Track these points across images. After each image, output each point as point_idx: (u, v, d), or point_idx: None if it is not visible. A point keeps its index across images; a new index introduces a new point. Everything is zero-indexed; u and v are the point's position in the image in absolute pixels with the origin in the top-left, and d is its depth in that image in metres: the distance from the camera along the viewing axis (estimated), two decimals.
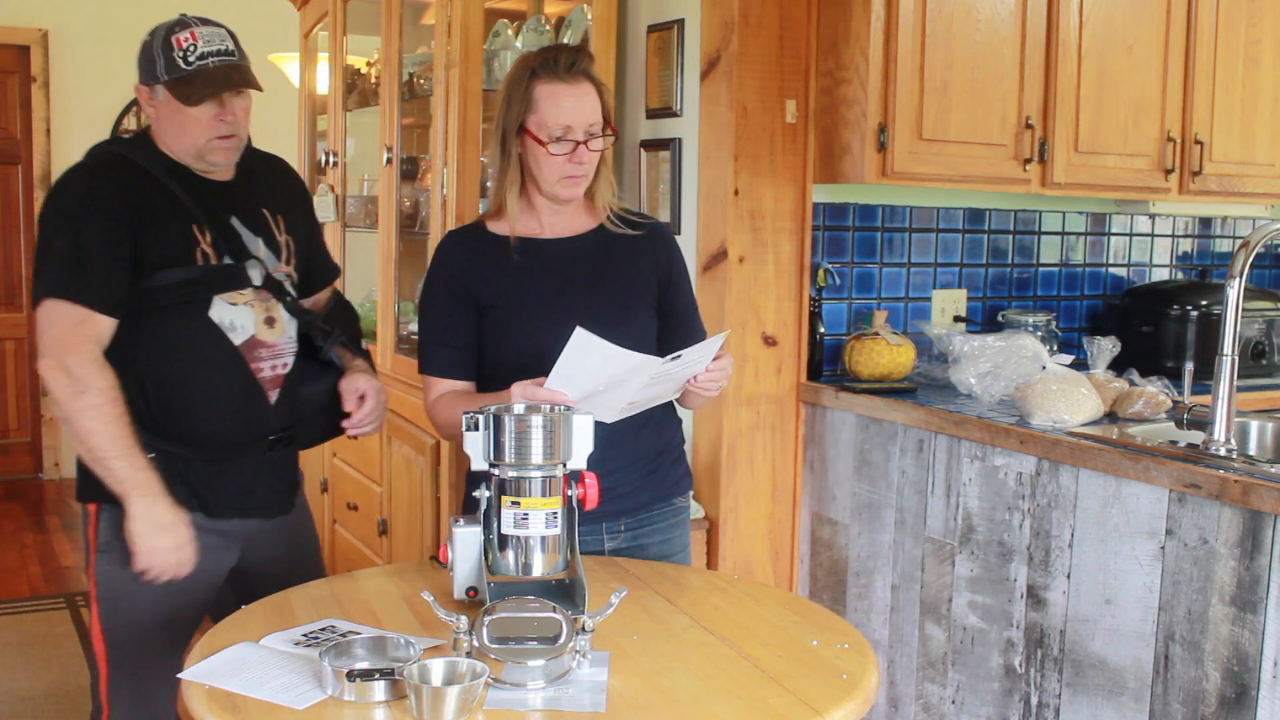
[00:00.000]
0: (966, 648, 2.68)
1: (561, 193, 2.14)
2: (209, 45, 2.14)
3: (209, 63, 2.13)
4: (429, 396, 2.20)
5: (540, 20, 3.57)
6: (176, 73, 2.12)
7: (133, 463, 2.06)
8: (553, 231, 2.20)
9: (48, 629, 4.32)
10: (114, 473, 2.06)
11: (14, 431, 6.78)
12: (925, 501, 2.78)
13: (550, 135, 2.08)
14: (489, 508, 1.79)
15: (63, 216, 2.11)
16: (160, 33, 2.15)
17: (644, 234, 2.24)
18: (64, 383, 2.04)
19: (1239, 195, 3.50)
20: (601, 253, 2.20)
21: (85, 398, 2.03)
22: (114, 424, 2.05)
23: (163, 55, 2.13)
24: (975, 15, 2.96)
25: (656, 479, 2.23)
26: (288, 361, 2.27)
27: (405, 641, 1.61)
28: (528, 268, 2.17)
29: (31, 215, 6.61)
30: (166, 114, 2.16)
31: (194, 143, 2.16)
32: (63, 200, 2.13)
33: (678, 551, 2.30)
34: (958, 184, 3.03)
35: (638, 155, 3.32)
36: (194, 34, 2.14)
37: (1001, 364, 2.74)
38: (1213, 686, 2.17)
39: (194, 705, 1.52)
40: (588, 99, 2.11)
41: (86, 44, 6.61)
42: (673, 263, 2.26)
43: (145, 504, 2.07)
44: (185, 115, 2.14)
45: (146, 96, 2.18)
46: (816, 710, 1.51)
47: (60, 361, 2.04)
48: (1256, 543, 2.08)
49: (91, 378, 2.04)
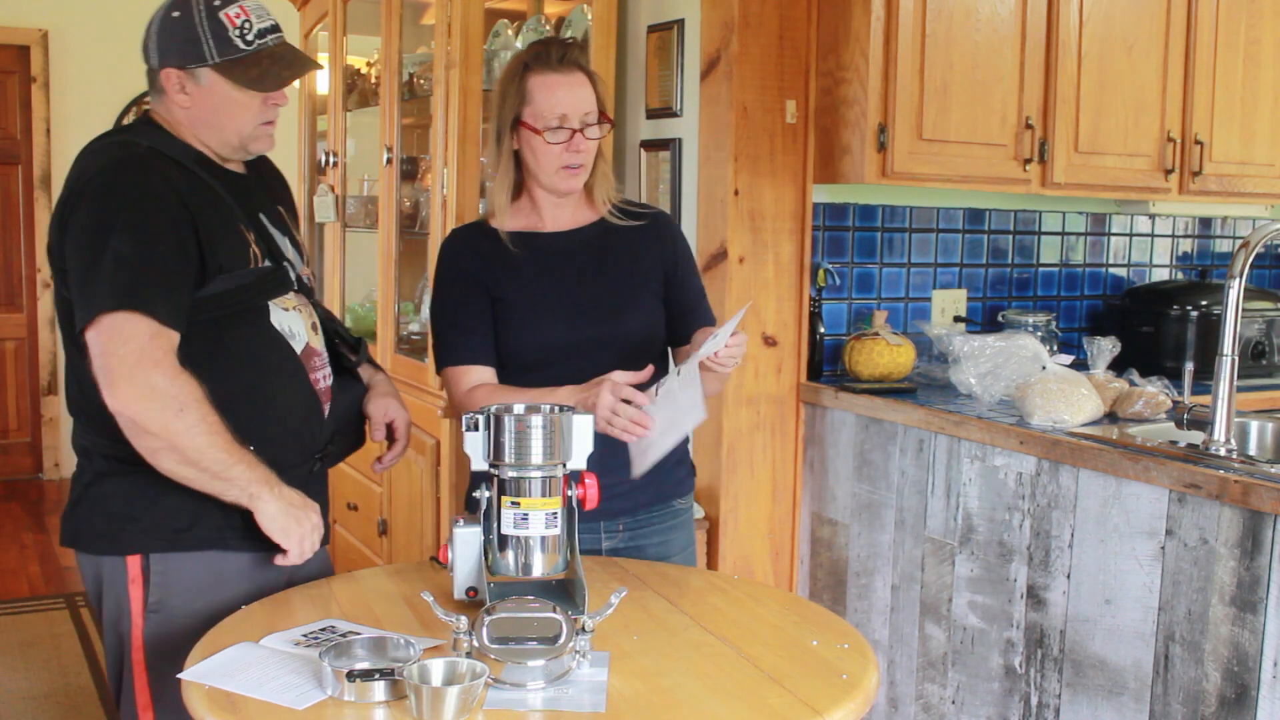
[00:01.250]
0: (966, 648, 2.68)
1: (560, 184, 2.14)
2: (263, 21, 1.92)
3: (268, 41, 1.91)
4: (460, 388, 2.13)
5: (540, 20, 3.57)
6: (233, 53, 1.88)
7: (247, 461, 1.82)
8: (555, 225, 2.20)
9: (48, 629, 4.32)
10: (235, 480, 1.81)
11: (14, 431, 6.78)
12: (925, 501, 2.78)
13: (546, 124, 2.09)
14: (489, 508, 1.79)
15: (118, 218, 1.80)
16: (198, 7, 1.88)
17: (647, 224, 2.24)
18: (156, 407, 1.74)
19: (1239, 195, 3.50)
20: (604, 244, 2.20)
21: (187, 415, 1.76)
22: (221, 432, 1.79)
23: (211, 34, 1.87)
24: (975, 15, 2.96)
25: (657, 480, 2.22)
26: (329, 372, 2.09)
27: (405, 642, 1.61)
28: (532, 261, 2.17)
29: (32, 215, 6.61)
30: (210, 100, 1.91)
31: (239, 131, 1.94)
32: (114, 200, 1.82)
33: (676, 553, 2.29)
34: (958, 184, 3.03)
35: (638, 155, 3.32)
36: (244, 9, 1.90)
37: (1001, 364, 2.74)
38: (1213, 686, 2.17)
39: (194, 705, 1.52)
40: (581, 89, 2.11)
41: (86, 44, 6.61)
42: (678, 251, 2.26)
43: (275, 495, 1.83)
44: (233, 101, 1.91)
45: (178, 82, 1.90)
46: (816, 710, 1.51)
47: (146, 384, 1.74)
48: (1256, 543, 2.08)
49: (185, 392, 1.76)
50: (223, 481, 1.80)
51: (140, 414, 1.74)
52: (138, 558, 1.90)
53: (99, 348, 1.76)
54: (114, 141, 1.93)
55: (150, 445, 1.77)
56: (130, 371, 1.74)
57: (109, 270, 1.77)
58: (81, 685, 3.80)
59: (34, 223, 6.61)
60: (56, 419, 6.75)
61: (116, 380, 1.74)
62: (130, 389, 1.74)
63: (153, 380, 1.74)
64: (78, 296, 1.81)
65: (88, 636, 4.24)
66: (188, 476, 1.80)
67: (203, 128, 1.94)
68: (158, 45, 1.91)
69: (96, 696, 3.72)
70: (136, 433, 1.76)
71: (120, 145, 1.91)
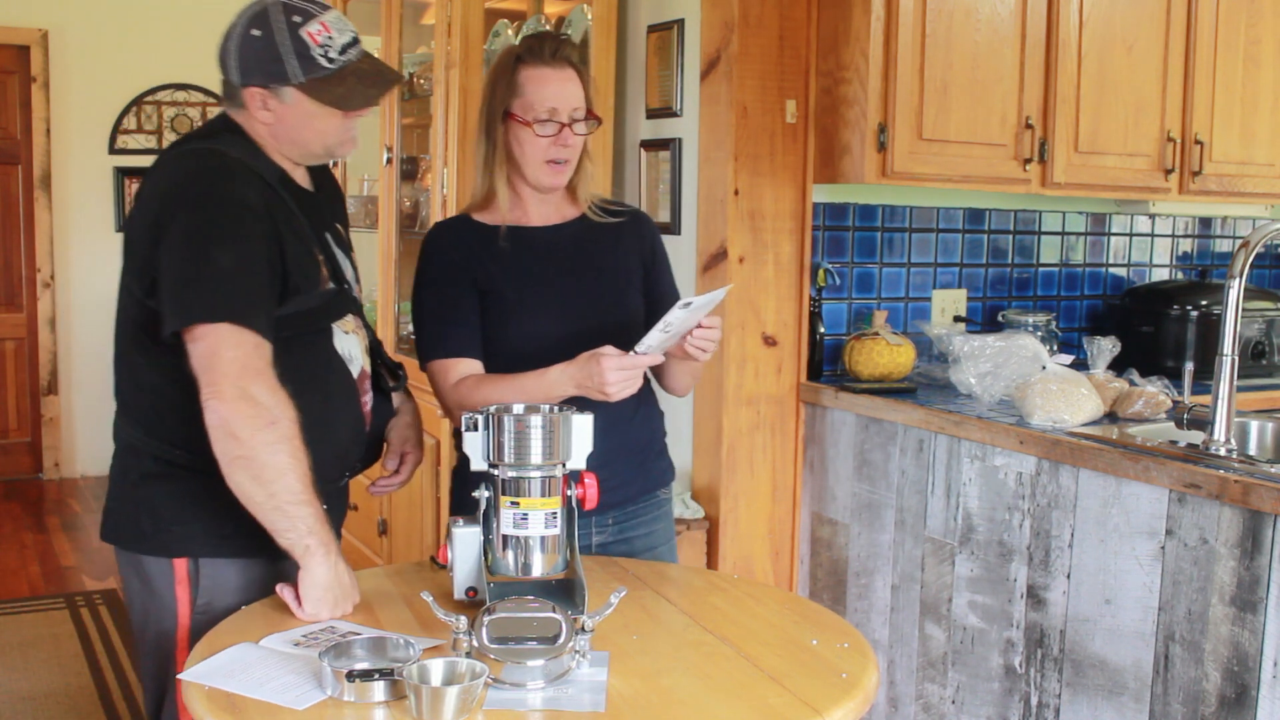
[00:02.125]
0: (966, 648, 2.68)
1: (545, 179, 2.14)
2: (344, 35, 1.90)
3: (351, 56, 1.90)
4: (446, 381, 2.12)
5: (540, 20, 3.58)
6: (318, 72, 1.87)
7: (316, 511, 1.77)
8: (541, 220, 2.21)
9: (48, 629, 4.32)
10: (298, 521, 1.75)
11: (14, 431, 6.77)
12: (925, 501, 2.78)
13: (536, 117, 2.09)
14: (488, 508, 1.79)
15: (221, 228, 1.80)
16: (279, 25, 1.86)
17: (626, 221, 2.26)
18: (249, 414, 1.72)
19: (1239, 195, 3.50)
20: (588, 239, 2.22)
21: (276, 429, 1.73)
22: (302, 461, 1.76)
23: (295, 53, 1.85)
24: (975, 15, 2.96)
25: (644, 470, 2.24)
26: (372, 394, 2.08)
27: (405, 642, 1.61)
28: (519, 254, 2.17)
29: (32, 215, 6.61)
30: (293, 117, 1.90)
31: (324, 143, 1.95)
32: (215, 210, 1.81)
33: (662, 544, 2.30)
34: (958, 184, 3.03)
35: (638, 155, 3.32)
36: (325, 24, 1.88)
37: (1001, 364, 2.74)
38: (1213, 686, 2.16)
39: (194, 706, 1.52)
40: (572, 84, 2.12)
41: (86, 44, 6.61)
42: (655, 247, 2.29)
43: (330, 563, 1.78)
44: (317, 117, 1.90)
45: (261, 100, 1.89)
46: (816, 710, 1.51)
47: (244, 391, 1.72)
48: (1256, 543, 2.08)
49: (280, 407, 1.75)
50: (286, 518, 1.75)
51: (234, 416, 1.72)
52: (184, 560, 1.90)
53: (203, 353, 1.75)
54: (205, 149, 1.91)
55: (231, 453, 1.73)
56: (234, 376, 1.73)
57: (211, 280, 1.76)
58: (81, 685, 3.80)
59: (34, 223, 6.61)
60: (57, 419, 6.75)
61: (219, 381, 1.73)
62: (233, 391, 1.72)
63: (251, 389, 1.73)
64: (173, 301, 1.78)
65: (88, 636, 4.24)
66: (255, 498, 1.75)
67: (286, 142, 1.94)
68: (239, 63, 1.89)
69: (96, 696, 3.72)
70: (223, 437, 1.73)
71: (212, 154, 1.89)
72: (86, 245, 6.71)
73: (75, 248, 6.70)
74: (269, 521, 1.76)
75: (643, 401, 2.19)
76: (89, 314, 6.73)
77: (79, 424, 6.79)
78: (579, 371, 1.94)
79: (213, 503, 1.84)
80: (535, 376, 2.00)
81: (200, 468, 1.80)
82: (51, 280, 6.66)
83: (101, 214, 6.74)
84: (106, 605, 4.57)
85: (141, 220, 1.86)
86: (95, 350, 6.77)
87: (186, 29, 6.73)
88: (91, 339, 6.75)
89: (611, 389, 1.91)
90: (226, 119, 1.97)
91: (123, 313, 1.93)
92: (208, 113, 6.87)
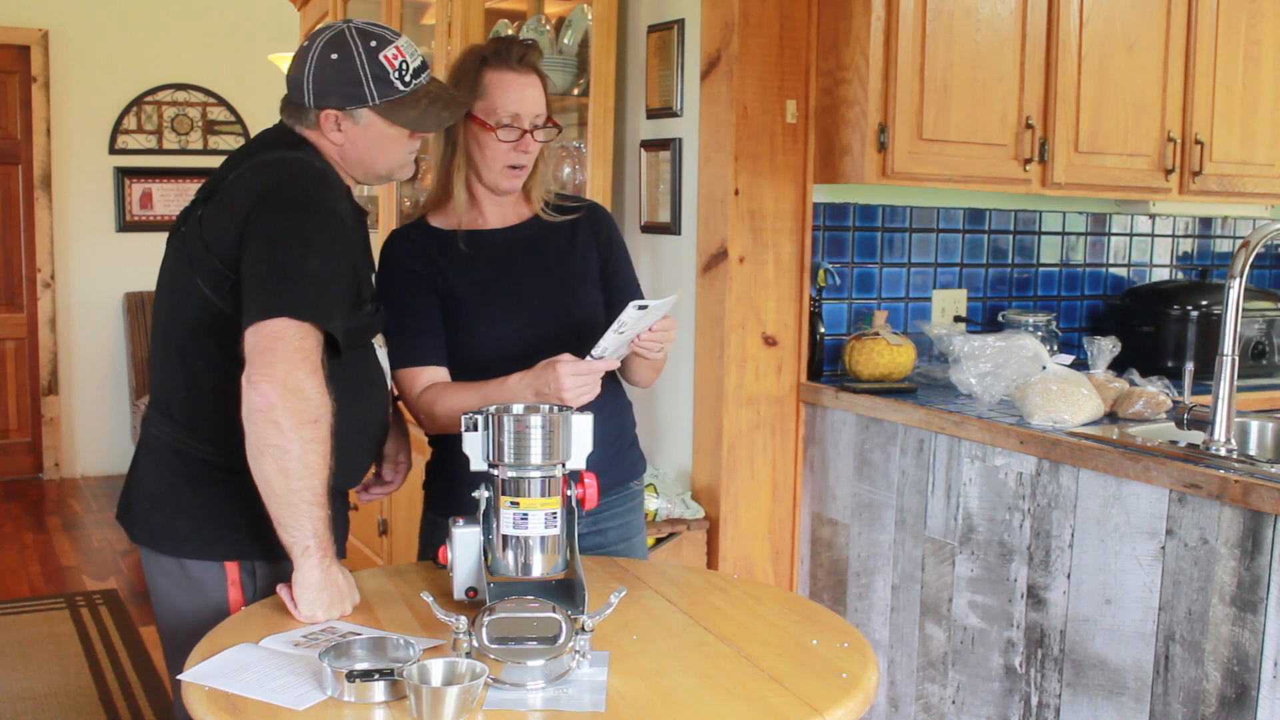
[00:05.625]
0: (967, 648, 2.68)
1: (503, 183, 2.15)
2: (415, 60, 1.95)
3: (422, 80, 1.96)
4: (412, 390, 2.13)
5: (540, 20, 3.57)
6: (393, 94, 1.92)
7: (326, 515, 1.79)
8: (496, 221, 2.22)
9: (48, 629, 4.32)
10: (306, 520, 1.76)
11: (14, 431, 6.78)
12: (925, 501, 2.78)
13: (499, 121, 2.10)
14: (488, 508, 1.79)
15: (314, 232, 1.83)
16: (357, 50, 1.91)
17: (581, 216, 2.27)
18: (296, 406, 1.71)
19: (1239, 195, 3.50)
20: (545, 238, 2.23)
21: (318, 429, 1.74)
22: (328, 467, 1.77)
23: (372, 77, 1.90)
24: (975, 15, 2.96)
25: (617, 462, 2.26)
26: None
27: (405, 642, 1.61)
28: (477, 257, 2.18)
29: (32, 215, 6.61)
30: (364, 139, 1.96)
31: (389, 165, 2.01)
32: (310, 214, 1.85)
33: (636, 534, 2.32)
34: (958, 184, 3.03)
35: (638, 155, 3.32)
36: (400, 49, 1.93)
37: (1001, 364, 2.74)
38: (1213, 686, 2.16)
39: (194, 706, 1.52)
40: (535, 90, 2.14)
41: (86, 44, 6.61)
42: (612, 237, 2.30)
43: (324, 566, 1.79)
44: (387, 138, 1.96)
45: (335, 121, 1.94)
46: (816, 709, 1.51)
47: (296, 380, 1.72)
48: (1256, 543, 2.08)
49: (325, 408, 1.75)
50: (297, 515, 1.75)
51: (282, 405, 1.70)
52: (236, 564, 1.92)
53: (267, 336, 1.73)
54: (294, 158, 1.93)
55: (265, 439, 1.72)
56: (289, 365, 1.72)
57: (301, 279, 1.78)
58: (82, 685, 3.80)
59: (34, 223, 6.61)
60: (57, 419, 6.75)
61: (275, 364, 1.71)
62: (278, 374, 1.71)
63: (304, 382, 1.72)
64: (260, 292, 1.77)
65: (88, 636, 4.24)
66: (275, 488, 1.74)
67: (353, 163, 1.99)
68: (314, 85, 1.93)
69: (96, 696, 3.72)
70: (264, 422, 1.71)
71: (302, 162, 1.93)
72: (86, 245, 6.71)
73: (75, 248, 6.70)
74: (278, 514, 1.76)
75: (611, 395, 2.20)
76: (89, 314, 6.73)
77: (79, 424, 6.79)
78: (536, 380, 1.96)
79: (257, 504, 1.82)
80: (497, 385, 2.01)
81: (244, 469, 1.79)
82: (51, 280, 6.67)
83: (101, 214, 6.74)
84: (107, 605, 4.57)
85: (228, 220, 1.86)
86: (95, 350, 6.78)
87: (186, 29, 6.74)
88: (92, 339, 6.75)
89: (569, 395, 1.91)
90: (296, 133, 1.99)
91: (178, 315, 1.93)
92: (208, 113, 6.88)
